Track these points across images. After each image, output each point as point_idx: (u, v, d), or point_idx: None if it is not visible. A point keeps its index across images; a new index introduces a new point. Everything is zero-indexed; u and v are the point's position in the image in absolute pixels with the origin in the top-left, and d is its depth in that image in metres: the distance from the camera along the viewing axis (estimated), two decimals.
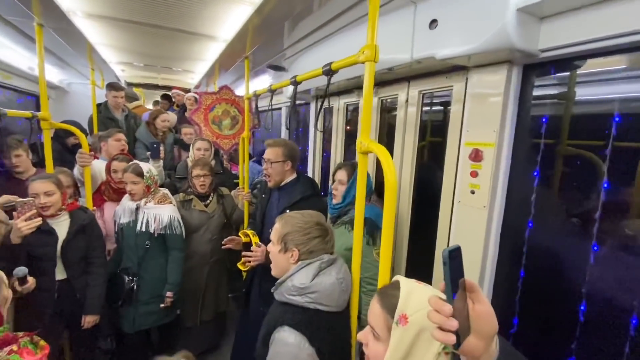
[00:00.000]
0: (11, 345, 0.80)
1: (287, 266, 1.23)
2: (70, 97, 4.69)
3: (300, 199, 1.91)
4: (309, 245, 1.20)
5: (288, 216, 1.27)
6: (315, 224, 1.23)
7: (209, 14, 2.08)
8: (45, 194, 1.82)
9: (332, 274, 1.18)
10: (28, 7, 1.82)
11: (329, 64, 1.37)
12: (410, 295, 0.74)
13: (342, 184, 1.73)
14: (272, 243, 1.27)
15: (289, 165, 1.96)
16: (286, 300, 1.16)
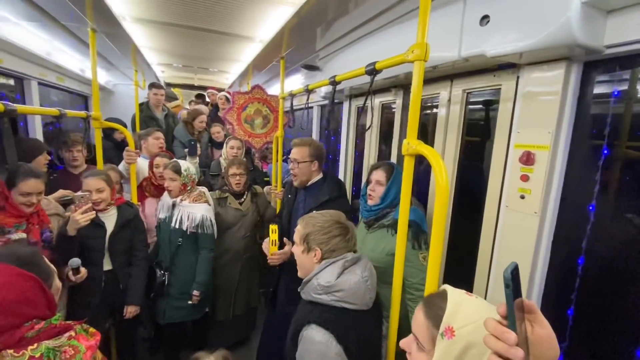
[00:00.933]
0: (68, 332, 0.85)
1: (311, 266, 1.23)
2: (115, 97, 4.98)
3: (327, 200, 1.89)
4: (330, 244, 1.20)
5: (308, 217, 1.29)
6: (335, 223, 1.23)
7: (248, 15, 2.12)
8: (97, 190, 1.94)
9: (357, 272, 1.17)
10: (83, 13, 1.94)
11: (372, 63, 1.35)
12: (458, 307, 0.70)
13: (379, 185, 1.67)
14: (296, 244, 1.29)
15: (315, 166, 1.95)
16: (313, 299, 1.17)
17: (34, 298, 0.84)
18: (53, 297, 0.89)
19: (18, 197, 1.62)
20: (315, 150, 1.93)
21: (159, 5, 2.02)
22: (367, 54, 2.26)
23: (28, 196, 1.63)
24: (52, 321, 0.84)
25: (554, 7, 1.09)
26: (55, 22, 2.14)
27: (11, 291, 0.80)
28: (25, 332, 0.79)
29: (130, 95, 4.80)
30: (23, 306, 0.81)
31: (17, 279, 0.82)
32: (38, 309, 0.84)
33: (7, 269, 0.81)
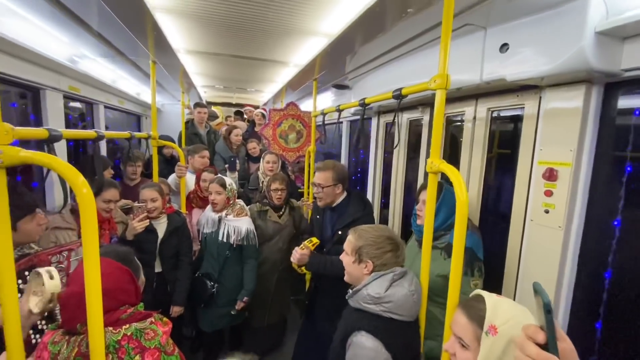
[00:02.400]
0: (150, 317, 1.04)
1: (361, 276, 1.33)
2: (162, 115, 5.49)
3: (352, 221, 1.92)
4: (382, 258, 1.29)
5: (361, 230, 1.38)
6: (387, 239, 1.32)
7: (286, 44, 2.36)
8: (151, 200, 2.21)
9: (404, 285, 1.26)
10: (147, 48, 2.26)
11: (399, 89, 1.49)
12: (496, 307, 0.81)
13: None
14: (346, 253, 1.39)
15: (339, 189, 1.99)
16: (361, 307, 1.26)
17: (128, 287, 1.05)
18: (139, 288, 1.10)
19: (100, 204, 1.95)
20: (338, 174, 1.96)
21: (209, 38, 2.31)
22: (394, 76, 2.41)
23: (109, 203, 1.96)
24: (138, 308, 1.05)
25: (569, 37, 1.19)
26: (122, 55, 2.51)
27: (113, 280, 1.00)
28: (121, 314, 1.00)
29: (175, 113, 5.28)
30: (120, 293, 1.02)
31: (117, 271, 1.03)
32: (130, 297, 1.05)
33: (110, 262, 1.03)
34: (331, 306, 2.04)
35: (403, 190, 2.74)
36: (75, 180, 0.77)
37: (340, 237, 1.97)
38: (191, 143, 3.83)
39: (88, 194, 0.78)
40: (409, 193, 2.72)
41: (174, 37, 2.23)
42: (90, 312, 0.83)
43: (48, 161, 0.77)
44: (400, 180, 2.74)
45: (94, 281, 0.81)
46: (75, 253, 1.75)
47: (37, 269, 1.12)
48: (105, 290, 0.98)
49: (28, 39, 1.79)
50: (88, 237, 0.79)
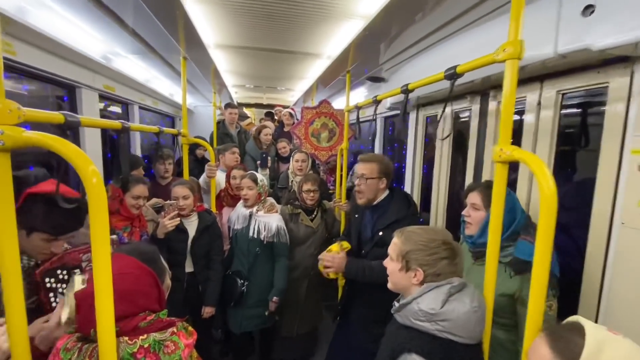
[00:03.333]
0: (172, 327, 0.92)
1: (408, 286, 1.13)
2: (195, 117, 5.58)
3: (394, 221, 1.75)
4: (436, 267, 1.08)
5: (409, 232, 1.17)
6: (442, 244, 1.10)
7: (318, 33, 2.21)
8: (183, 197, 2.15)
9: (464, 301, 1.04)
10: (178, 42, 2.22)
11: (452, 67, 1.28)
12: (602, 349, 0.59)
13: (475, 210, 1.42)
14: (391, 259, 1.20)
15: (384, 183, 1.83)
16: (411, 324, 1.06)
17: (149, 291, 0.93)
18: (164, 293, 0.98)
19: (130, 200, 1.91)
20: (385, 167, 1.81)
21: (240, 31, 2.22)
22: (436, 62, 2.18)
23: (137, 199, 1.92)
24: (160, 315, 0.92)
25: None
26: (154, 52, 2.49)
27: (132, 282, 0.89)
28: (139, 321, 0.87)
29: (207, 115, 5.34)
30: (140, 297, 0.90)
31: (138, 271, 0.92)
32: (151, 302, 0.93)
33: (130, 261, 0.92)
34: (367, 315, 1.88)
35: (447, 192, 2.48)
36: (85, 168, 0.66)
37: (381, 238, 1.78)
38: (222, 143, 3.82)
39: (98, 184, 0.66)
40: (453, 194, 2.46)
41: (205, 29, 2.16)
42: (100, 320, 0.71)
43: (55, 144, 0.66)
44: (444, 180, 2.49)
45: (104, 285, 0.69)
46: None
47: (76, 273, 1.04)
48: (123, 292, 0.86)
49: (64, 34, 1.79)
50: (98, 233, 0.67)
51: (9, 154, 0.67)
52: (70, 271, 1.35)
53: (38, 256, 1.27)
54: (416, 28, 1.93)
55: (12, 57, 1.50)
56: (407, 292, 1.15)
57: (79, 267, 1.37)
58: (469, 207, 1.47)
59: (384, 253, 1.75)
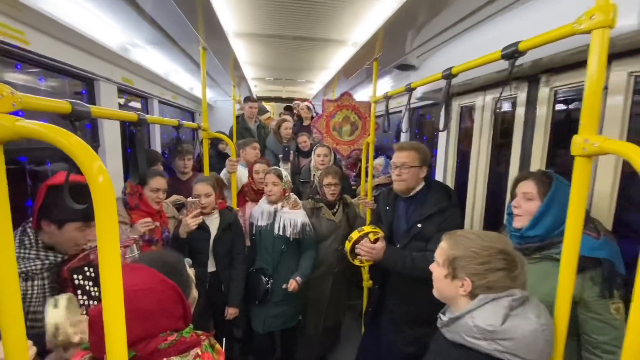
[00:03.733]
0: (196, 348, 0.80)
1: (455, 296, 0.99)
2: (215, 112, 5.53)
3: (435, 212, 1.65)
4: (487, 278, 0.93)
5: (460, 235, 1.02)
6: (498, 252, 0.94)
7: (345, 17, 2.04)
8: (205, 195, 2.06)
9: (529, 317, 0.89)
10: (197, 31, 2.10)
11: (513, 44, 1.09)
12: None
13: (528, 200, 1.27)
14: (437, 263, 1.05)
15: (424, 172, 1.74)
16: (464, 342, 0.92)
17: (172, 309, 0.81)
18: (189, 308, 0.86)
19: (149, 194, 1.85)
20: (424, 156, 1.73)
21: (261, 17, 2.08)
22: (475, 45, 1.97)
23: (157, 192, 1.86)
24: (183, 334, 0.80)
25: None
26: (173, 42, 2.39)
27: (153, 299, 0.78)
28: (159, 343, 0.76)
29: (227, 110, 5.27)
30: (161, 316, 0.79)
31: (160, 286, 0.80)
32: (173, 320, 0.81)
33: (152, 275, 0.80)
34: (401, 315, 1.77)
35: (486, 187, 2.27)
36: (90, 165, 0.54)
37: (420, 231, 1.65)
38: (242, 137, 3.75)
39: (105, 184, 0.54)
40: (492, 190, 2.25)
41: (225, 16, 2.04)
42: (110, 345, 0.59)
43: (53, 135, 0.54)
44: (482, 175, 2.28)
45: (114, 304, 0.57)
46: (131, 250, 1.63)
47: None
48: (143, 311, 0.74)
49: (80, 23, 1.70)
50: (105, 242, 0.55)
51: (1, 148, 0.56)
52: (96, 268, 1.31)
53: (73, 249, 1.24)
54: (453, 9, 1.74)
55: (26, 47, 1.42)
56: (453, 303, 1.01)
57: None
58: (520, 197, 1.31)
59: (423, 247, 1.65)
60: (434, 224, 1.64)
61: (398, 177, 1.75)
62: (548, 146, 1.78)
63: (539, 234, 1.22)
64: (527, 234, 1.25)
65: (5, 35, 1.31)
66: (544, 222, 1.21)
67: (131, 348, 0.71)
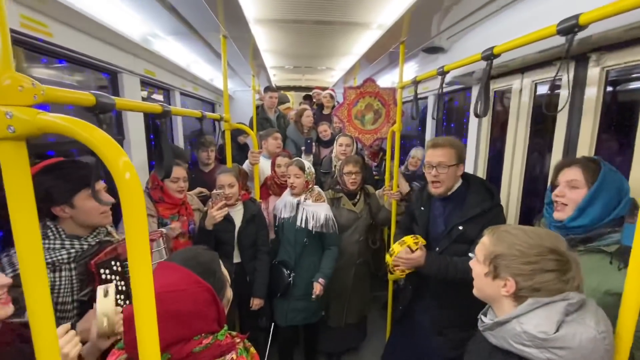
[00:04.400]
0: (231, 352, 0.77)
1: (496, 296, 0.91)
2: (234, 103, 5.51)
3: (479, 214, 1.52)
4: (534, 279, 0.84)
5: (503, 231, 0.93)
6: (549, 252, 0.84)
7: None
8: (229, 185, 2.05)
9: (588, 323, 0.79)
10: (217, 17, 2.04)
11: (574, 17, 0.96)
12: None
13: (574, 188, 1.17)
14: (477, 260, 0.97)
15: (461, 170, 1.64)
16: (511, 348, 0.84)
17: (206, 311, 0.77)
18: (223, 310, 0.83)
19: (170, 185, 1.85)
20: (461, 152, 1.62)
21: (283, 2, 2.00)
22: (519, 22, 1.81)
23: (177, 181, 1.85)
24: (218, 337, 0.77)
25: None
26: (194, 31, 2.35)
27: (188, 301, 0.74)
28: (194, 346, 0.73)
29: (246, 100, 5.24)
30: (195, 319, 0.75)
31: (194, 287, 0.76)
32: (208, 323, 0.78)
33: (187, 276, 0.77)
34: (442, 318, 1.67)
35: (523, 178, 2.12)
36: (115, 161, 0.49)
37: (461, 233, 1.54)
38: (262, 128, 3.71)
39: (133, 180, 0.50)
40: (531, 181, 2.11)
41: (246, 1, 1.96)
42: (142, 347, 0.55)
43: (77, 129, 0.49)
44: (519, 165, 2.13)
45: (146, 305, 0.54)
46: (157, 244, 1.63)
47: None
48: (177, 313, 0.71)
49: (102, 14, 1.68)
50: (134, 239, 0.51)
51: (24, 143, 0.52)
52: (122, 263, 1.31)
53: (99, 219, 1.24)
54: None
55: (49, 39, 1.41)
56: (495, 304, 0.93)
57: None
58: (564, 185, 1.20)
59: (465, 250, 1.53)
60: (477, 225, 1.51)
61: (435, 179, 1.61)
62: (598, 132, 1.62)
63: (584, 224, 1.13)
64: (571, 225, 1.16)
65: (28, 28, 1.30)
66: (590, 212, 1.12)
67: (166, 350, 0.69)
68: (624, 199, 1.11)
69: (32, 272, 0.57)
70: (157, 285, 0.56)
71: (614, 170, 1.14)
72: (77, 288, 1.20)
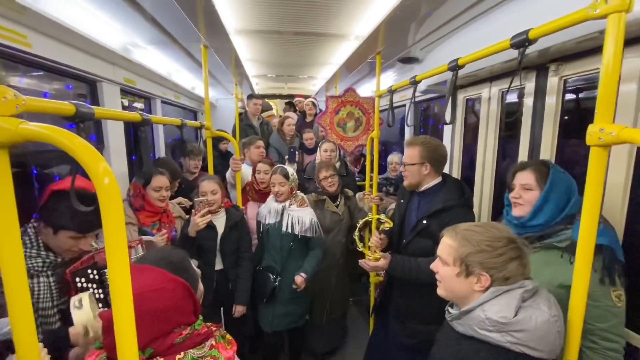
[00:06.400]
0: (209, 339, 0.81)
1: (468, 293, 0.97)
2: (217, 111, 5.52)
3: (440, 209, 1.62)
4: (505, 270, 0.92)
5: (465, 230, 0.99)
6: (509, 242, 0.94)
7: (347, 10, 2.01)
8: (211, 192, 2.06)
9: (542, 308, 0.89)
10: (198, 29, 2.08)
11: (523, 32, 1.06)
12: None
13: (527, 190, 1.28)
14: (443, 262, 1.03)
15: (427, 169, 1.70)
16: (475, 334, 0.92)
17: (183, 305, 0.82)
18: (198, 303, 0.88)
19: (151, 193, 1.85)
20: (428, 152, 1.68)
21: (262, 13, 2.06)
22: (487, 33, 1.93)
23: (159, 190, 1.86)
24: (195, 326, 0.82)
25: None
26: (174, 42, 2.38)
27: (165, 298, 0.78)
28: (175, 338, 0.77)
29: (229, 108, 5.26)
30: (174, 313, 0.80)
31: (170, 284, 0.81)
32: (185, 315, 0.82)
33: (162, 275, 0.81)
34: (402, 307, 1.81)
35: (493, 181, 2.24)
36: (95, 167, 0.53)
37: (425, 228, 1.64)
38: (245, 135, 3.73)
39: (111, 185, 0.53)
40: (500, 184, 2.22)
41: (226, 13, 2.01)
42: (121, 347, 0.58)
43: (58, 137, 0.53)
44: (490, 168, 2.25)
45: (124, 308, 0.57)
46: (135, 251, 1.63)
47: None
48: (155, 311, 0.75)
49: (81, 24, 1.69)
50: (113, 243, 0.54)
51: (7, 151, 0.55)
52: (100, 271, 1.32)
53: (66, 254, 1.25)
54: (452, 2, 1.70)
55: (28, 50, 1.41)
56: (466, 301, 0.99)
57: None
58: (519, 188, 1.30)
59: (427, 245, 1.63)
60: (439, 221, 1.59)
61: (403, 174, 1.79)
62: (558, 137, 1.75)
63: (540, 222, 1.23)
64: (529, 224, 1.26)
65: (7, 38, 1.31)
66: (545, 211, 1.23)
67: (148, 346, 0.72)
68: (573, 197, 1.21)
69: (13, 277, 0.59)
70: (136, 287, 0.60)
71: (562, 172, 1.25)
72: (56, 296, 1.21)
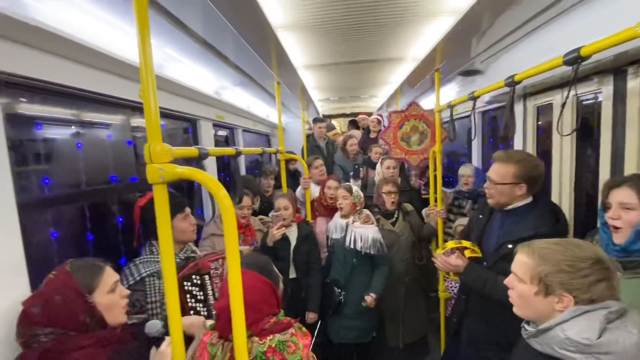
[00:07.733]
0: (291, 328, 1.01)
1: (547, 313, 0.93)
2: (286, 133, 6.04)
3: (531, 236, 1.36)
4: (591, 292, 0.87)
5: (542, 248, 0.95)
6: (595, 262, 0.88)
7: (403, 36, 2.16)
8: (284, 207, 2.34)
9: (631, 330, 0.83)
10: (271, 69, 2.45)
11: (574, 50, 1.09)
12: None
13: (627, 210, 1.11)
14: (519, 280, 0.99)
15: (523, 190, 1.49)
16: (555, 354, 0.89)
17: (269, 299, 1.07)
18: (280, 298, 1.12)
19: (237, 211, 2.18)
20: (526, 171, 1.47)
21: (325, 49, 2.34)
22: (546, 44, 1.89)
23: (242, 209, 2.19)
24: (279, 317, 1.05)
25: None
26: (253, 81, 2.82)
27: (257, 293, 1.04)
28: (265, 324, 1.02)
29: (296, 130, 5.72)
30: (263, 305, 1.05)
31: (260, 284, 1.06)
32: (271, 308, 1.07)
33: (253, 275, 1.06)
34: (479, 333, 1.65)
35: (573, 194, 2.08)
36: (218, 193, 0.79)
37: (509, 252, 1.46)
38: (313, 154, 4.01)
39: (229, 205, 0.79)
40: (580, 196, 2.06)
41: (294, 53, 2.34)
42: (235, 323, 0.83)
43: (198, 176, 0.81)
44: (567, 180, 2.09)
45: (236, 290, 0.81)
46: None
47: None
48: (251, 303, 0.99)
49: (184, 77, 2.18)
50: (230, 244, 0.80)
51: (166, 185, 0.85)
52: (202, 276, 1.58)
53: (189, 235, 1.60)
54: (514, 13, 1.71)
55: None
56: (544, 320, 0.95)
57: (208, 274, 1.61)
58: (616, 207, 1.15)
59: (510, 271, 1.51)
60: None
61: (487, 192, 1.60)
62: None
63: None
64: (632, 248, 1.12)
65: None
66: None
67: (248, 329, 0.97)
68: None
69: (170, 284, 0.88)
70: None
71: None
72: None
